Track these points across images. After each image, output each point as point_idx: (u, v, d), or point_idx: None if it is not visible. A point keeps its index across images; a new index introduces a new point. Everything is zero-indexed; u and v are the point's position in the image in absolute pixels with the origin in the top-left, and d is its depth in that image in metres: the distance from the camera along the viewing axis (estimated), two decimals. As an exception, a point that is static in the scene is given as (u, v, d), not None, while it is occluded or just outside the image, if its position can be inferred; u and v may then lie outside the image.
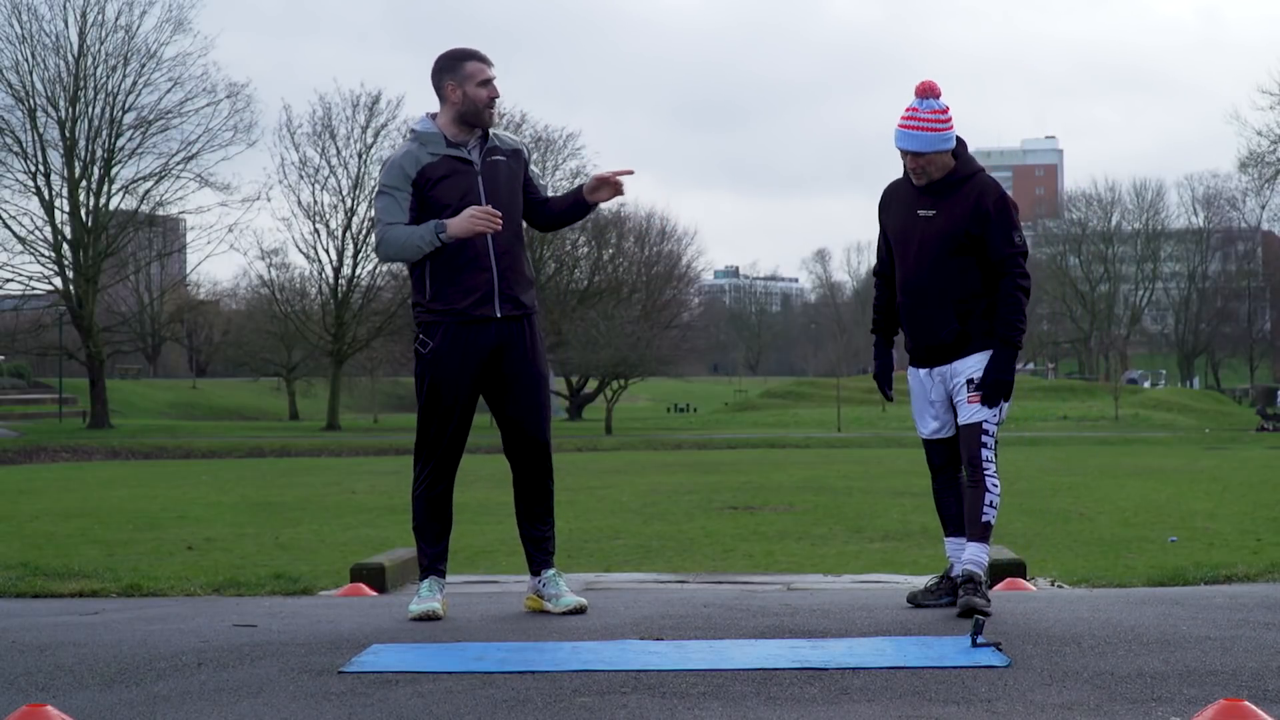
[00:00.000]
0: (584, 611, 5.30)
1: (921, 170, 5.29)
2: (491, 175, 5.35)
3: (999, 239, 5.30)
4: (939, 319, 5.32)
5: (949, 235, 5.27)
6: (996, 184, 5.39)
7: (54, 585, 7.49)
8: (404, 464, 29.39)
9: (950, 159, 5.31)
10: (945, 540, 5.53)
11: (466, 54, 5.38)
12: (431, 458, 5.39)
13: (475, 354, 5.32)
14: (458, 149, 5.34)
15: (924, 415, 5.46)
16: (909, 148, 5.26)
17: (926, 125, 5.24)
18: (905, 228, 5.37)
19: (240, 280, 79.07)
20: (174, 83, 49.88)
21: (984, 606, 5.09)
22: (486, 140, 5.39)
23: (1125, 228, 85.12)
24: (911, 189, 5.37)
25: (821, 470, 23.65)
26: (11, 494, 20.18)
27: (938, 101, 5.28)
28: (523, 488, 5.48)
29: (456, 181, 5.30)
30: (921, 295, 5.33)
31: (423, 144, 5.36)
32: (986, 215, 5.28)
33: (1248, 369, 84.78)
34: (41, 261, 49.16)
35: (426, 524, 5.45)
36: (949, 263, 5.29)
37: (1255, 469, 22.48)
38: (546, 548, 5.47)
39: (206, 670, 4.28)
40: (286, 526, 14.25)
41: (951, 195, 5.30)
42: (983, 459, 5.30)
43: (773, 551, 11.43)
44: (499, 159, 5.39)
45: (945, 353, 5.35)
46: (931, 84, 5.29)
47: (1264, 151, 58.56)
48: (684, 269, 65.48)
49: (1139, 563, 9.33)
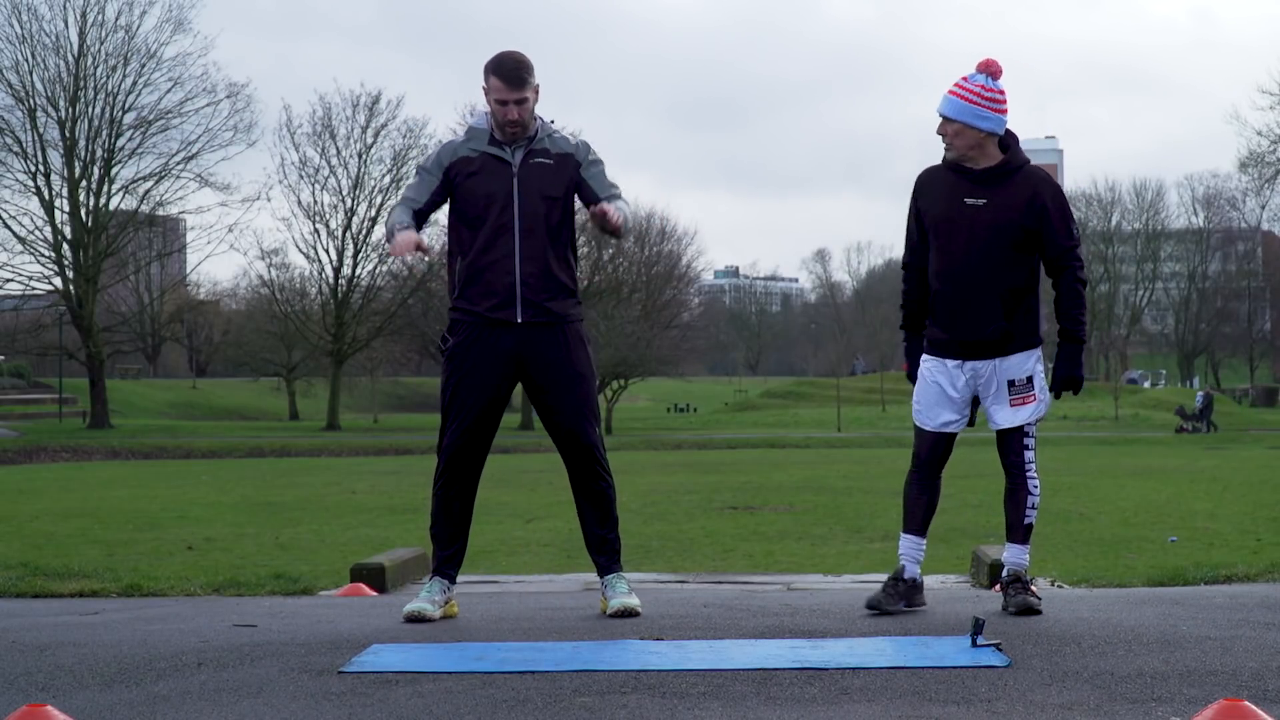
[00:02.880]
0: (634, 614, 5.19)
1: (950, 141, 5.19)
2: (527, 177, 5.24)
3: (1059, 233, 5.21)
4: (985, 312, 5.20)
5: (1002, 227, 5.16)
6: (1050, 176, 5.32)
7: (54, 585, 7.49)
8: (404, 464, 29.42)
9: (985, 142, 5.18)
10: (902, 537, 5.41)
11: (492, 66, 5.24)
12: (444, 456, 5.32)
13: (494, 357, 5.24)
14: (500, 148, 5.27)
15: (939, 407, 5.32)
16: (941, 110, 5.17)
17: (967, 95, 5.15)
18: (950, 215, 5.21)
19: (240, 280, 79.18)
20: (174, 83, 49.98)
21: (1038, 605, 5.14)
22: (534, 141, 5.29)
23: (1125, 228, 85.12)
24: (958, 177, 5.23)
25: (821, 470, 23.65)
26: (11, 494, 20.18)
27: (992, 80, 5.19)
28: (576, 490, 5.41)
29: (486, 180, 5.23)
30: (967, 286, 5.19)
31: (469, 138, 5.34)
32: (1044, 209, 5.18)
33: (1248, 369, 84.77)
34: (41, 261, 49.24)
35: (437, 524, 5.39)
36: (999, 255, 5.17)
37: (1255, 469, 22.48)
38: (604, 549, 5.39)
39: (206, 670, 4.28)
40: (286, 526, 14.25)
41: (1002, 185, 5.19)
42: (1026, 460, 5.30)
43: (773, 551, 11.43)
44: (543, 162, 5.27)
45: (987, 349, 5.24)
46: (992, 62, 5.22)
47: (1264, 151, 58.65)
48: (684, 269, 65.47)
49: (1139, 563, 9.34)
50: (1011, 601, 5.18)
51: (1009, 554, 5.32)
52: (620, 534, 5.49)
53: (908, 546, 5.39)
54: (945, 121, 5.19)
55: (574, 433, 5.30)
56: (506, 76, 5.19)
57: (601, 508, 5.39)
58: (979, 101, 5.15)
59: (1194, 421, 45.57)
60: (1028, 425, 5.30)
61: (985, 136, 5.18)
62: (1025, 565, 5.30)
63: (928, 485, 5.42)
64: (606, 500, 5.39)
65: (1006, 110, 5.21)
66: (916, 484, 5.43)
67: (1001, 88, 5.21)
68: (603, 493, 5.38)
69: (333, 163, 54.03)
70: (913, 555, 5.37)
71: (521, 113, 5.21)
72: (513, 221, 5.22)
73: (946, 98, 5.19)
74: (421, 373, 79.07)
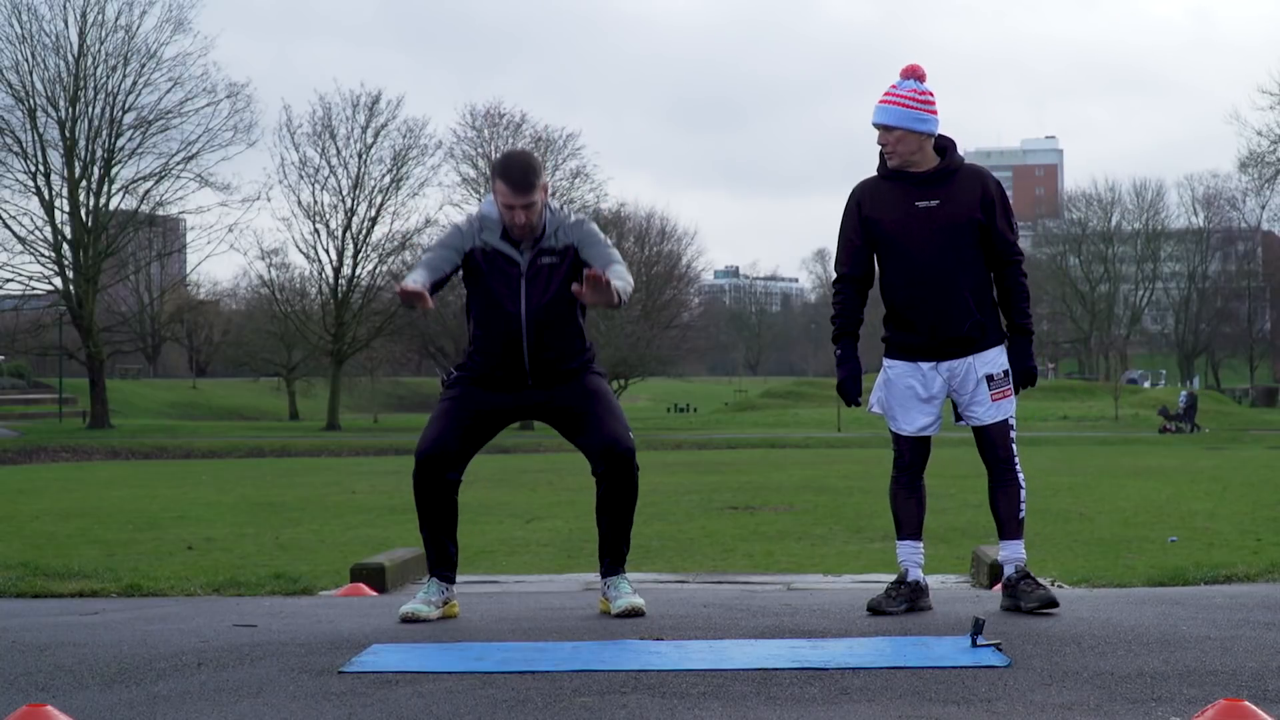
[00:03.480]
0: (640, 614, 5.21)
1: (892, 149, 5.25)
2: (534, 279, 5.30)
3: (1004, 226, 5.31)
4: (959, 309, 5.24)
5: (960, 224, 5.22)
6: (990, 172, 5.41)
7: (54, 585, 7.49)
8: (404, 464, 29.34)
9: (925, 144, 5.26)
10: (900, 544, 5.42)
11: (499, 170, 5.28)
12: (417, 458, 5.35)
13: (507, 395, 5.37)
14: (509, 245, 5.31)
15: (913, 411, 5.35)
16: (879, 120, 5.24)
17: (901, 101, 5.23)
18: (905, 220, 5.26)
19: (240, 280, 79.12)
20: (174, 83, 49.87)
21: (1056, 596, 5.21)
22: (543, 238, 5.31)
23: (1125, 228, 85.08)
24: (901, 184, 5.28)
25: (821, 470, 23.63)
26: (11, 494, 20.17)
27: (919, 83, 5.27)
28: (607, 496, 5.42)
29: (495, 281, 5.30)
30: (936, 286, 5.23)
31: (482, 226, 5.36)
32: (992, 203, 5.27)
33: (1248, 369, 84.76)
34: (41, 261, 49.16)
35: (421, 528, 5.44)
36: (962, 251, 5.23)
37: (1255, 469, 22.46)
38: (619, 553, 5.43)
39: (206, 670, 4.28)
40: (286, 526, 14.24)
41: (949, 184, 5.26)
42: (1013, 454, 5.33)
43: (773, 551, 11.43)
44: (549, 261, 5.31)
45: (963, 345, 5.27)
46: (915, 66, 5.30)
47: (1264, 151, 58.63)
48: (684, 269, 65.44)
49: (1139, 563, 9.33)
50: (1033, 597, 5.17)
51: (1009, 551, 5.32)
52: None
53: (908, 552, 5.39)
54: (885, 130, 5.26)
55: (614, 440, 5.31)
56: (514, 183, 5.21)
57: (628, 515, 5.42)
58: (914, 105, 5.24)
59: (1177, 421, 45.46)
60: (1010, 419, 5.34)
61: (925, 139, 5.26)
62: (1025, 559, 5.32)
63: (914, 488, 5.44)
64: (633, 507, 5.44)
65: (938, 111, 5.30)
66: (904, 488, 5.44)
67: (930, 89, 5.29)
68: (632, 500, 5.42)
69: (333, 163, 53.99)
70: (914, 560, 5.37)
71: (529, 216, 5.25)
72: (520, 324, 5.29)
73: (882, 108, 5.26)
74: (421, 373, 79.05)
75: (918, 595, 5.32)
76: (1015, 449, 5.36)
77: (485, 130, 53.84)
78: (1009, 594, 5.27)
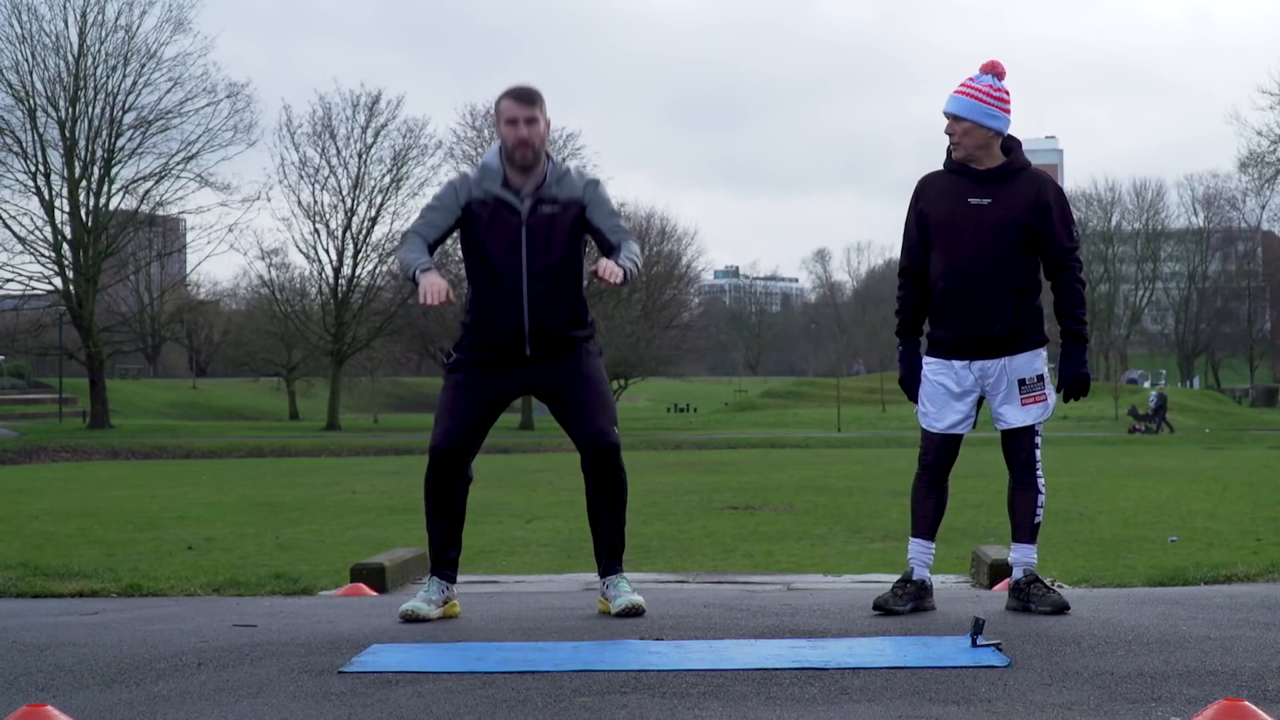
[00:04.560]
0: (641, 613, 5.20)
1: (959, 140, 5.23)
2: (535, 228, 5.26)
3: (1061, 233, 5.28)
4: (992, 309, 5.22)
5: (1008, 225, 5.21)
6: (1053, 179, 5.38)
7: (54, 585, 7.49)
8: (404, 464, 29.39)
9: (992, 142, 5.24)
10: (911, 541, 5.42)
11: (505, 92, 5.29)
12: (432, 454, 5.36)
13: (505, 377, 5.34)
14: (510, 192, 5.27)
15: (946, 408, 5.32)
16: (950, 109, 5.23)
17: (975, 94, 5.21)
18: (954, 215, 5.25)
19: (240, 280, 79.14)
20: (174, 83, 49.91)
21: (1067, 600, 5.22)
22: (543, 184, 5.28)
23: (1125, 228, 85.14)
24: (960, 179, 5.27)
25: (821, 470, 23.64)
26: (11, 494, 20.17)
27: (997, 80, 5.25)
28: (594, 491, 5.43)
29: (497, 229, 5.26)
30: (975, 284, 5.21)
31: (482, 175, 5.33)
32: (1048, 208, 5.25)
33: (1248, 369, 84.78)
34: (41, 261, 49.19)
35: (430, 524, 5.43)
36: (1005, 252, 5.21)
37: (1255, 469, 22.47)
38: (614, 550, 5.42)
39: (206, 670, 4.28)
40: (286, 526, 14.24)
41: (1006, 184, 5.24)
42: (1036, 460, 5.33)
43: (773, 551, 11.43)
44: (550, 211, 5.27)
45: (995, 346, 5.26)
46: (996, 63, 5.29)
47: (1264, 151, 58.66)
48: (684, 269, 65.45)
49: (1139, 563, 9.33)
50: (1046, 601, 5.18)
51: (1019, 554, 5.31)
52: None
53: (917, 550, 5.39)
54: (954, 120, 5.24)
55: (597, 434, 5.31)
56: (516, 96, 5.24)
57: (619, 510, 5.42)
58: (988, 100, 5.22)
59: (1147, 422, 45.42)
60: (1038, 425, 5.33)
61: (992, 135, 5.24)
62: (1035, 564, 5.31)
63: (936, 487, 5.42)
64: (623, 503, 5.43)
65: (1011, 110, 5.27)
66: (925, 486, 5.44)
67: (1006, 88, 5.27)
68: (621, 495, 5.41)
69: (333, 163, 54.02)
70: (922, 559, 5.37)
71: (531, 134, 5.22)
72: (520, 274, 5.25)
73: (955, 97, 5.24)
74: (421, 373, 79.08)
75: (923, 595, 5.32)
76: (1039, 454, 5.35)
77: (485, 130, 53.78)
78: (1017, 597, 5.27)
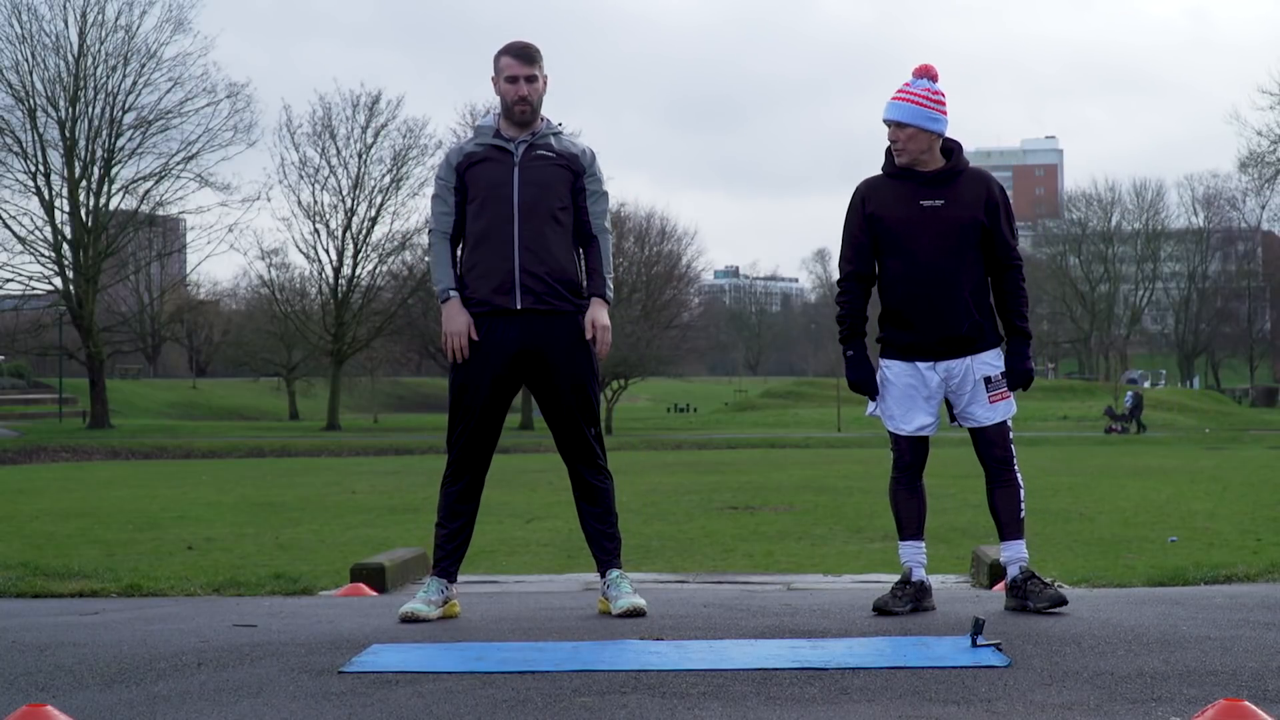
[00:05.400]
0: (642, 614, 5.20)
1: (902, 146, 5.26)
2: (529, 168, 5.31)
3: (1007, 231, 5.35)
4: (958, 309, 5.25)
5: (964, 225, 5.25)
6: (993, 176, 5.45)
7: (54, 585, 7.49)
8: (404, 464, 29.41)
9: (934, 145, 5.28)
10: (902, 545, 5.41)
11: (504, 48, 5.38)
12: (454, 452, 5.39)
13: (499, 353, 5.31)
14: (505, 141, 5.35)
15: (913, 410, 5.34)
16: (892, 116, 5.26)
17: (914, 99, 5.25)
18: (910, 219, 5.27)
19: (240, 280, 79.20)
20: (174, 83, 49.94)
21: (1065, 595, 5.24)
22: (538, 136, 5.36)
23: (1125, 228, 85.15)
24: (905, 183, 5.29)
25: (821, 470, 23.64)
26: (11, 494, 20.17)
27: (932, 83, 5.29)
28: (575, 486, 5.47)
29: (491, 169, 5.32)
30: (936, 285, 5.24)
31: (476, 135, 5.44)
32: (998, 207, 5.31)
33: (1248, 369, 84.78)
34: (41, 261, 49.20)
35: (444, 520, 5.43)
36: (963, 253, 5.26)
37: (1255, 469, 22.47)
38: (604, 544, 5.42)
39: (206, 670, 4.28)
40: (286, 526, 14.25)
41: (953, 185, 5.29)
42: (1012, 455, 5.36)
43: (773, 551, 11.43)
44: (545, 155, 5.35)
45: (961, 345, 5.28)
46: (929, 66, 5.33)
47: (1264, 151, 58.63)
48: (684, 269, 65.44)
49: (1139, 563, 9.33)
50: (1043, 596, 5.18)
51: (1012, 551, 5.31)
52: (620, 530, 5.52)
53: (911, 552, 5.39)
54: (897, 127, 5.28)
55: (571, 429, 5.38)
56: (517, 53, 5.32)
57: (599, 504, 5.44)
58: (928, 104, 5.26)
59: (1123, 421, 45.48)
60: (1009, 420, 5.37)
61: (934, 138, 5.29)
62: (1028, 559, 5.33)
63: (915, 488, 5.44)
64: (604, 497, 5.44)
65: (948, 111, 5.32)
66: (904, 488, 5.44)
67: (942, 89, 5.31)
68: (600, 489, 5.43)
69: (333, 163, 54.05)
70: (917, 560, 5.37)
71: (531, 91, 5.31)
72: (512, 209, 5.28)
73: (895, 104, 5.28)
74: (421, 373, 79.06)
75: (922, 595, 5.33)
76: (1014, 450, 5.39)
77: (485, 130, 53.76)
78: (1015, 594, 5.27)
